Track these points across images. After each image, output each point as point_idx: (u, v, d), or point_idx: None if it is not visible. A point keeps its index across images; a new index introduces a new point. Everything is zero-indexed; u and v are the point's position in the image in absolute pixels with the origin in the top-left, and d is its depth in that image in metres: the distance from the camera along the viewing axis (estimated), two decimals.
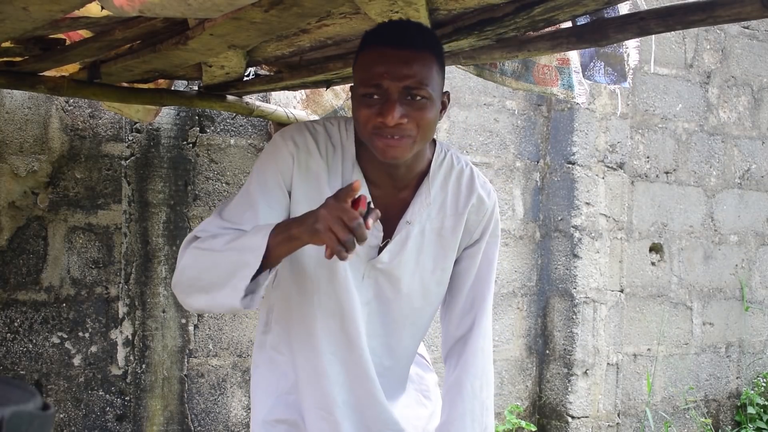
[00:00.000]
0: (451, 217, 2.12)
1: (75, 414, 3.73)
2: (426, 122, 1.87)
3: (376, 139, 1.86)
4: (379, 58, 1.85)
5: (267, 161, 2.01)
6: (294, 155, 2.00)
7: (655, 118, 5.23)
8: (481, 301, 2.22)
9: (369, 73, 1.86)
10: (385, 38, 1.87)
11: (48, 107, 3.64)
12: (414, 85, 1.83)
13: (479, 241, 2.19)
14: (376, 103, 1.85)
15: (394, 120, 1.81)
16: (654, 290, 5.26)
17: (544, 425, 4.86)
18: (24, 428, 0.92)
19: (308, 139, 2.01)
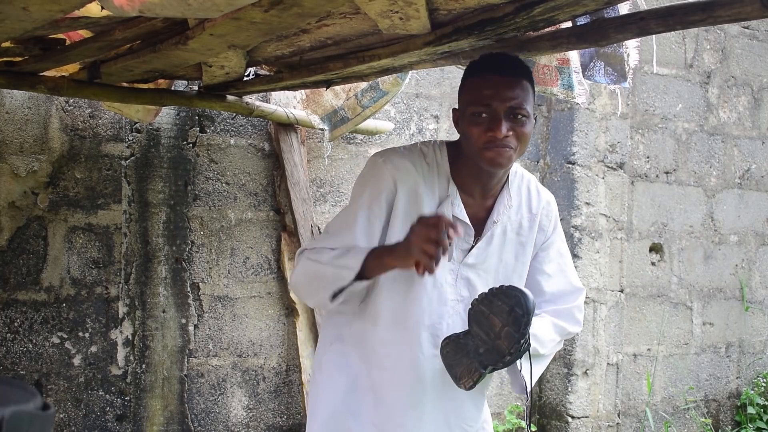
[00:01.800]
0: (527, 218, 2.45)
1: (75, 414, 3.73)
2: (525, 135, 2.21)
3: (486, 151, 2.17)
4: (487, 83, 2.18)
5: (370, 182, 2.32)
6: (395, 177, 2.28)
7: (655, 118, 5.23)
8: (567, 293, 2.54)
9: (479, 95, 2.18)
10: (491, 67, 2.20)
11: (48, 107, 3.64)
12: (516, 106, 2.16)
13: (551, 237, 2.52)
14: (484, 121, 2.16)
15: (502, 134, 2.13)
16: (654, 290, 5.26)
17: (545, 425, 4.86)
18: (24, 428, 0.92)
19: (405, 160, 2.30)
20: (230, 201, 4.00)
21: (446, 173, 2.33)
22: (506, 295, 2.08)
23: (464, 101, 2.26)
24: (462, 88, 2.31)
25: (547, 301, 2.51)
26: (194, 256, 3.92)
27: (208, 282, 3.95)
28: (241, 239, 4.03)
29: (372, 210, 2.29)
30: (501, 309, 2.07)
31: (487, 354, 2.12)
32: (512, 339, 2.06)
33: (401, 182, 2.28)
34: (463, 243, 2.33)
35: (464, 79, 2.30)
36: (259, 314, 4.07)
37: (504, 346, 2.08)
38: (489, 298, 2.12)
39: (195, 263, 3.93)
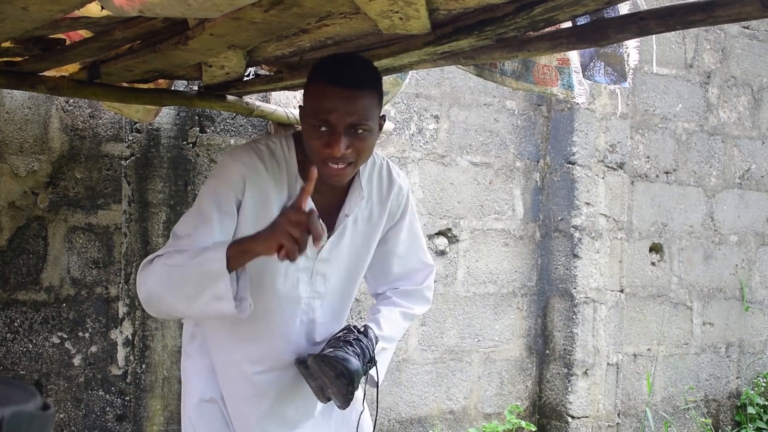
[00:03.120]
0: (377, 205, 2.48)
1: (75, 414, 3.73)
2: (366, 150, 2.21)
3: (324, 166, 2.16)
4: (327, 95, 2.13)
5: (219, 182, 2.28)
6: (245, 175, 2.26)
7: (655, 118, 5.23)
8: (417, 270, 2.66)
9: (319, 108, 2.15)
10: (333, 77, 2.15)
11: (48, 107, 3.64)
12: (357, 122, 2.13)
13: (401, 220, 2.58)
14: (324, 135, 2.14)
15: (340, 152, 2.12)
16: (654, 290, 5.27)
17: (544, 425, 4.86)
18: (24, 428, 0.92)
19: (255, 159, 2.28)
20: None
21: (294, 172, 2.33)
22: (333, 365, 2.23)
23: (306, 107, 2.24)
24: (305, 90, 2.28)
25: (399, 280, 2.64)
26: None
27: None
28: None
29: (222, 209, 2.24)
30: (328, 374, 2.24)
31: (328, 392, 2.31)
32: (342, 399, 2.26)
33: (250, 182, 2.27)
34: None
35: (308, 80, 2.26)
36: None
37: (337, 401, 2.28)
38: (317, 361, 2.26)
39: None
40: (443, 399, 4.61)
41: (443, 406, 4.61)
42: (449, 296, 4.60)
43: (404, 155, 4.44)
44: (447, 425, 4.61)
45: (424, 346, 4.54)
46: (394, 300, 2.63)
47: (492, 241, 4.73)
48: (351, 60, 2.24)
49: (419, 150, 4.49)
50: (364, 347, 2.32)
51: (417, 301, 2.66)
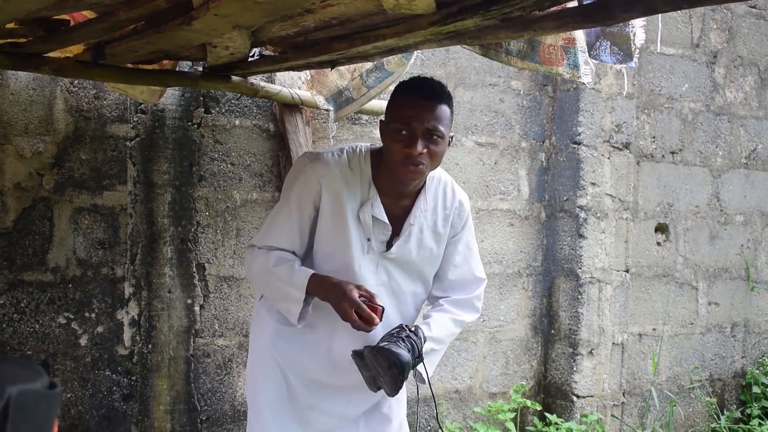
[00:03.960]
0: (441, 218, 2.81)
1: (82, 394, 3.75)
2: (437, 155, 2.58)
3: (401, 166, 2.54)
4: (410, 104, 2.54)
5: (299, 185, 2.69)
6: (320, 181, 2.65)
7: (661, 98, 5.21)
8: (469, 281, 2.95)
9: (402, 114, 2.55)
10: (416, 90, 2.57)
11: (53, 88, 3.64)
12: (432, 128, 2.51)
13: (460, 233, 2.88)
14: (404, 138, 2.52)
15: (417, 151, 2.49)
16: (659, 270, 5.26)
17: (549, 404, 4.87)
18: (31, 406, 0.93)
19: (331, 165, 2.66)
20: (235, 182, 4.00)
21: (368, 178, 2.69)
22: (386, 356, 2.51)
23: (389, 117, 2.62)
24: (389, 104, 2.67)
25: (451, 288, 2.93)
26: (200, 237, 3.93)
27: (214, 262, 3.96)
28: (247, 220, 4.03)
29: (301, 210, 2.69)
30: (382, 364, 2.52)
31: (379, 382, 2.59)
32: (392, 387, 2.55)
33: (326, 185, 2.65)
34: (381, 236, 2.72)
35: (392, 96, 2.66)
36: None
37: (388, 388, 2.57)
38: (373, 352, 2.54)
39: (200, 244, 3.93)
40: (449, 379, 4.62)
41: (449, 386, 4.62)
42: None
43: None
44: (452, 404, 4.63)
45: None
46: (445, 307, 2.89)
47: (497, 221, 4.72)
48: (429, 80, 2.66)
49: None
50: (414, 344, 2.58)
51: (466, 309, 2.93)
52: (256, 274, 2.75)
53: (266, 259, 2.70)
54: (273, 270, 2.67)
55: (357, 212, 2.67)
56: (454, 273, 2.92)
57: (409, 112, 2.52)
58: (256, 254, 2.74)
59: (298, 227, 2.71)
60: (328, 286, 2.59)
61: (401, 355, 2.50)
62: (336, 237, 2.70)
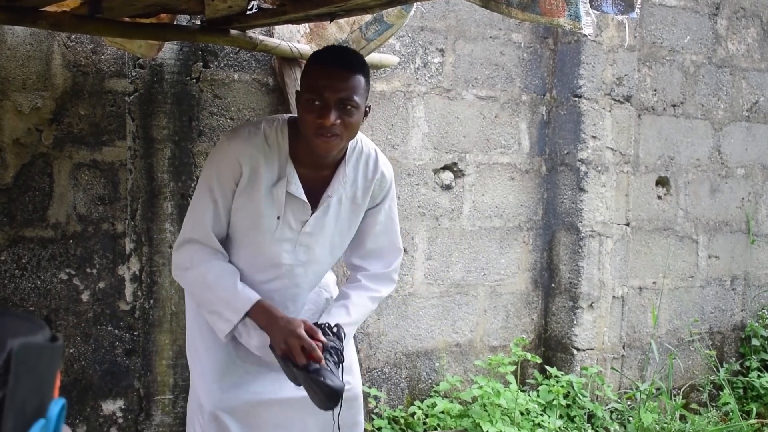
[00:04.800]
0: (361, 189, 2.79)
1: (85, 349, 3.77)
2: (353, 124, 2.54)
3: (315, 137, 2.51)
4: (323, 74, 2.51)
5: (219, 167, 2.66)
6: (239, 159, 2.62)
7: (662, 50, 5.18)
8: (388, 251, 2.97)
9: (315, 84, 2.51)
10: (329, 60, 2.54)
11: (50, 43, 3.62)
12: (346, 97, 2.49)
13: (381, 203, 2.89)
14: (317, 109, 2.49)
15: (330, 122, 2.46)
16: (660, 224, 5.27)
17: (550, 357, 4.90)
18: (33, 359, 0.93)
19: (249, 143, 2.63)
20: None
21: (285, 153, 2.66)
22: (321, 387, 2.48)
23: (302, 87, 2.58)
24: (303, 74, 2.64)
25: (370, 256, 2.95)
26: None
27: None
28: None
29: (224, 191, 2.65)
30: (315, 390, 2.50)
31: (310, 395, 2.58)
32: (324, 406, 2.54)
33: (244, 163, 2.62)
34: (301, 215, 2.72)
35: (306, 66, 2.64)
36: None
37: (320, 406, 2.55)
38: (311, 378, 2.51)
39: None
40: (449, 332, 4.65)
41: (449, 339, 4.65)
42: (455, 230, 4.61)
43: (409, 89, 4.41)
44: (453, 358, 4.66)
45: (430, 280, 4.56)
46: (363, 284, 2.92)
47: (498, 175, 4.72)
48: (343, 48, 2.70)
49: (424, 84, 4.46)
50: (339, 351, 2.62)
51: (384, 283, 2.96)
52: (190, 285, 2.76)
53: (204, 271, 2.68)
54: (212, 285, 2.67)
55: (270, 189, 2.65)
56: (373, 242, 2.94)
57: (322, 82, 2.50)
58: (189, 257, 2.71)
59: (223, 211, 2.70)
60: (273, 318, 2.61)
61: (336, 387, 2.49)
62: (248, 216, 2.70)
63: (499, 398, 4.23)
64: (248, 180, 2.64)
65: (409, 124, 4.43)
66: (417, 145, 4.45)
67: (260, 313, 2.63)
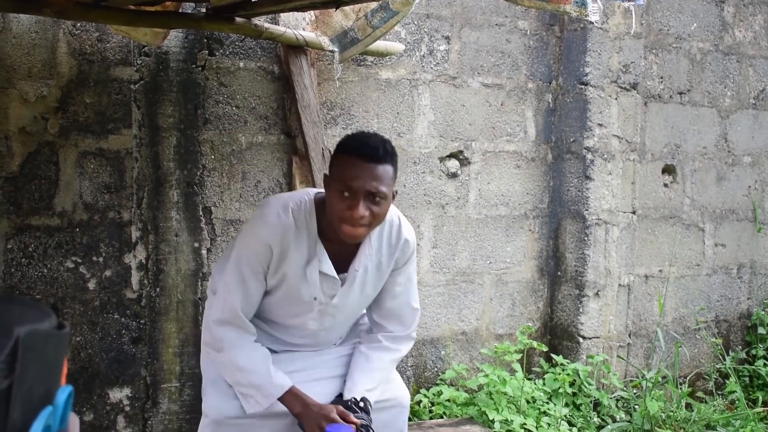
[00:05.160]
0: (386, 256, 2.85)
1: (91, 337, 3.78)
2: (381, 214, 2.59)
3: (343, 225, 2.56)
4: (353, 166, 2.53)
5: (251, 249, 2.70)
6: (271, 242, 2.66)
7: (669, 37, 5.15)
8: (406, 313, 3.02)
9: (344, 175, 2.54)
10: (359, 151, 2.56)
11: (55, 31, 3.61)
12: (374, 190, 2.52)
13: (402, 267, 2.93)
14: (346, 199, 2.53)
15: (358, 215, 2.51)
16: (666, 212, 5.26)
17: (556, 345, 4.90)
18: (39, 346, 0.93)
19: (279, 227, 2.66)
20: (240, 125, 3.99)
21: (314, 234, 2.72)
22: None
23: (332, 174, 2.62)
24: (332, 160, 2.67)
25: (389, 316, 3.01)
26: (206, 180, 3.93)
27: (220, 206, 3.96)
28: (253, 163, 4.02)
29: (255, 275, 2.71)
30: None
31: None
32: None
33: (275, 246, 2.66)
34: (330, 290, 2.79)
35: (335, 153, 2.66)
36: None
37: None
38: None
39: (206, 187, 3.93)
40: (455, 320, 4.65)
41: (455, 328, 4.65)
42: (461, 219, 4.61)
43: (415, 77, 4.41)
44: (459, 346, 4.66)
45: (436, 269, 4.56)
46: (383, 345, 2.99)
47: (504, 163, 4.71)
48: (373, 136, 2.65)
49: (430, 71, 4.45)
50: (369, 427, 2.71)
51: (404, 342, 3.04)
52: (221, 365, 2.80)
53: (236, 355, 2.74)
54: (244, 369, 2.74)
55: (304, 269, 2.73)
56: (392, 302, 2.99)
57: (351, 174, 2.53)
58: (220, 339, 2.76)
59: (255, 293, 2.76)
60: (305, 405, 2.71)
61: None
62: (282, 294, 2.79)
63: (505, 386, 4.24)
64: (279, 261, 2.70)
65: (414, 112, 4.42)
66: (423, 133, 4.44)
67: (293, 399, 2.72)
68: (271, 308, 2.85)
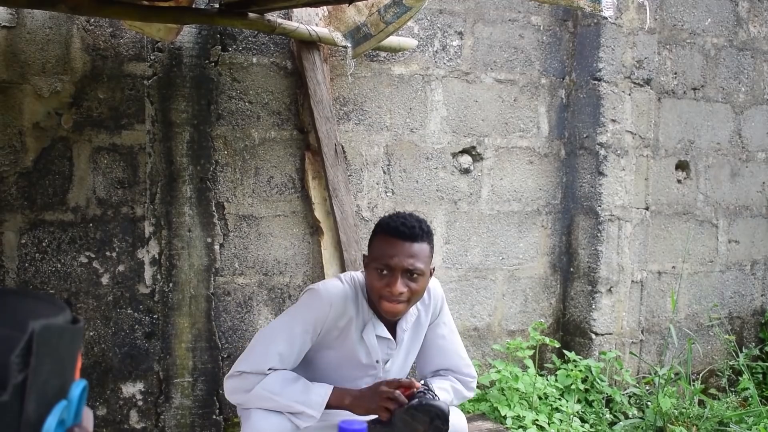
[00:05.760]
0: (422, 311, 2.98)
1: (105, 332, 3.79)
2: (419, 291, 2.71)
3: (383, 302, 2.68)
4: (391, 245, 2.67)
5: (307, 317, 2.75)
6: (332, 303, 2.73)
7: (683, 33, 5.13)
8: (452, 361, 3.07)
9: (383, 254, 2.67)
10: (396, 231, 2.68)
11: (69, 27, 3.62)
12: (412, 268, 2.65)
13: (439, 316, 3.04)
14: (385, 277, 2.66)
15: (397, 291, 2.63)
16: (680, 208, 5.24)
17: (568, 342, 4.89)
18: (54, 341, 0.93)
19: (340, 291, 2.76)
20: (254, 120, 3.99)
21: (366, 301, 2.82)
22: (426, 410, 2.55)
23: (371, 254, 2.75)
24: (371, 240, 2.79)
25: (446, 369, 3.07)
26: (218, 176, 3.93)
27: (233, 201, 3.97)
28: (265, 158, 4.03)
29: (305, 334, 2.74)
30: (423, 420, 2.55)
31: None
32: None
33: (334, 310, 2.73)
34: (386, 353, 2.89)
35: (373, 234, 2.79)
36: (284, 233, 4.09)
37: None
38: (411, 410, 2.58)
39: (219, 183, 3.94)
40: (467, 316, 4.65)
41: (467, 324, 4.65)
42: (473, 214, 4.60)
43: (428, 72, 4.40)
44: (471, 342, 4.66)
45: (449, 264, 4.56)
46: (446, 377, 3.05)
47: (517, 159, 4.70)
48: (409, 216, 2.76)
49: (443, 67, 4.44)
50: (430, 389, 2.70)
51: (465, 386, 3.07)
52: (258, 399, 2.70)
53: (265, 384, 2.69)
54: (281, 393, 2.68)
55: (361, 334, 2.82)
56: (439, 355, 3.07)
57: (390, 253, 2.66)
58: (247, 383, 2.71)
59: (298, 349, 2.76)
60: (355, 392, 2.73)
61: (441, 406, 2.57)
62: (342, 356, 2.85)
63: (517, 382, 4.23)
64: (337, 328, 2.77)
65: (427, 108, 4.41)
66: (435, 128, 4.44)
67: (339, 396, 2.71)
68: (329, 372, 2.87)
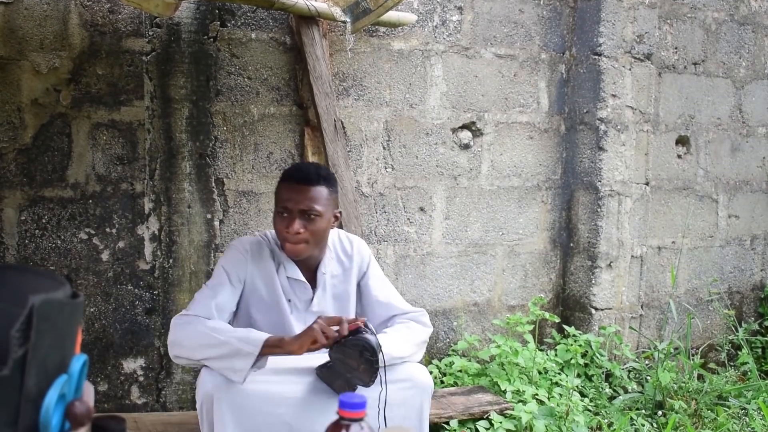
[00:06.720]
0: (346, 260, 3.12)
1: (105, 308, 3.80)
2: (317, 232, 2.88)
3: (285, 244, 2.88)
4: (288, 189, 2.88)
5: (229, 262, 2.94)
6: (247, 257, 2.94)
7: (684, 7, 5.11)
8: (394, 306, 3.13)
9: (280, 197, 2.88)
10: (293, 177, 2.90)
11: (66, 2, 3.61)
12: (307, 208, 2.84)
13: (367, 271, 3.17)
14: (285, 219, 2.85)
15: (293, 230, 2.82)
16: (680, 183, 5.24)
17: (568, 317, 4.90)
18: (54, 315, 0.93)
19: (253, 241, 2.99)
20: (253, 96, 3.98)
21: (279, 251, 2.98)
22: (354, 344, 2.63)
23: (275, 203, 2.94)
24: (275, 191, 2.97)
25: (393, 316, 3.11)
26: (218, 152, 3.93)
27: (233, 177, 3.96)
28: (265, 134, 4.02)
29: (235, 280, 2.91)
30: (353, 354, 2.63)
31: (353, 379, 2.68)
32: (369, 374, 2.65)
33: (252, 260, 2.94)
34: (303, 295, 3.01)
35: (278, 182, 2.96)
36: None
37: (365, 376, 2.65)
38: (341, 347, 2.64)
39: (219, 159, 3.93)
40: (467, 291, 4.65)
41: (467, 299, 4.65)
42: (473, 190, 4.60)
43: (427, 48, 4.38)
44: (471, 317, 4.67)
45: (449, 240, 4.56)
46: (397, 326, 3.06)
47: (516, 134, 4.69)
48: (308, 164, 3.13)
49: (443, 42, 4.42)
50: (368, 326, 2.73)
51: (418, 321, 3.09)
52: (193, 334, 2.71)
53: (207, 322, 2.74)
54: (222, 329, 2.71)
55: (277, 277, 2.96)
56: (381, 309, 3.12)
57: (286, 196, 2.86)
58: (190, 320, 2.76)
59: (231, 292, 2.89)
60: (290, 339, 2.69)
61: (368, 339, 2.63)
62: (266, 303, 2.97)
63: (517, 357, 4.25)
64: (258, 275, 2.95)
65: (427, 83, 4.40)
66: (435, 104, 4.43)
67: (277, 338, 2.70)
68: (257, 322, 2.96)
